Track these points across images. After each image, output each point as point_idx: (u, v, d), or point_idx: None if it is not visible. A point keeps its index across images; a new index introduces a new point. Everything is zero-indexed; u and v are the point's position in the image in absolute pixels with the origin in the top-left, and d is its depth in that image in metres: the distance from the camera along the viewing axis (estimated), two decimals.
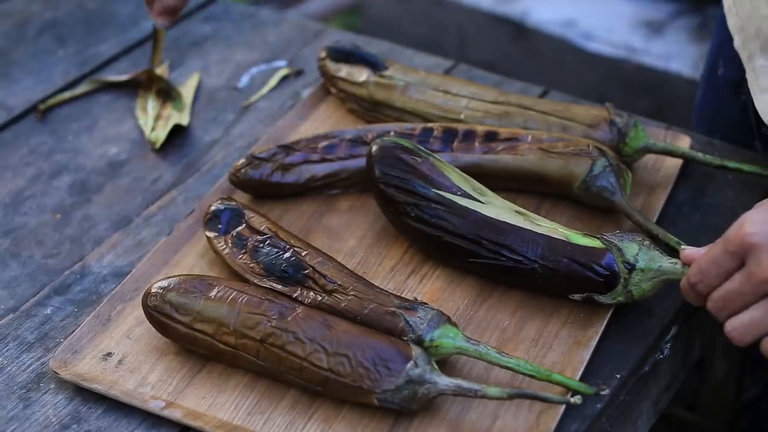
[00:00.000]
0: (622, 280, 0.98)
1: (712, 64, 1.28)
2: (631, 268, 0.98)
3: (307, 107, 1.29)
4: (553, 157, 1.10)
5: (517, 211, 1.04)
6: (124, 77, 1.37)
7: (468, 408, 0.94)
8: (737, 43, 1.13)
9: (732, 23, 1.14)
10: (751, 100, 1.11)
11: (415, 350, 0.92)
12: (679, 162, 1.18)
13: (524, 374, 0.93)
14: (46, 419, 0.97)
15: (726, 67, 1.24)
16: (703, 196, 1.15)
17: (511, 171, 1.12)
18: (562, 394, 0.92)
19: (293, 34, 1.45)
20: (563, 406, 0.93)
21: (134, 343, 1.02)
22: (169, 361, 1.00)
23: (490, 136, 1.13)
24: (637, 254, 0.98)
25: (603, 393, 0.93)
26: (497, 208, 1.04)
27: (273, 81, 1.37)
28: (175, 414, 0.95)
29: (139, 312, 1.03)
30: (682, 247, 0.97)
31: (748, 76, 1.11)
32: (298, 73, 1.37)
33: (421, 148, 1.08)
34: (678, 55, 2.35)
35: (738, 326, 0.90)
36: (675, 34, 2.40)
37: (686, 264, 0.96)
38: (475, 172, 1.10)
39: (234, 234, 1.07)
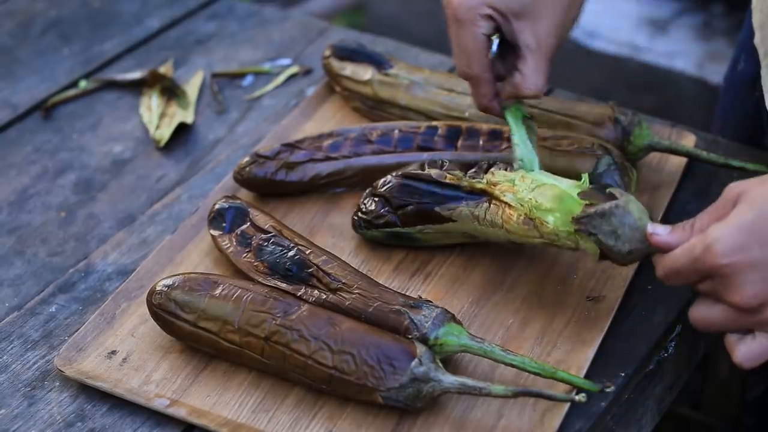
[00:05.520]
0: None
1: (736, 60, 1.28)
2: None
3: (311, 105, 1.29)
4: (557, 155, 1.10)
5: None
6: (129, 76, 1.37)
7: (472, 406, 0.94)
8: (757, 40, 1.13)
9: (755, 19, 1.14)
10: (764, 96, 1.11)
11: (420, 348, 0.92)
12: (683, 160, 1.17)
13: (529, 372, 0.92)
14: (50, 417, 0.97)
15: (746, 63, 1.24)
16: (707, 195, 1.15)
17: None
18: (566, 393, 0.92)
19: (297, 33, 1.45)
20: (568, 405, 0.93)
21: (139, 341, 1.02)
22: (173, 359, 1.00)
23: (495, 135, 1.13)
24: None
25: (608, 390, 0.92)
26: None
27: (280, 78, 1.37)
28: (180, 412, 0.95)
29: (144, 310, 1.03)
30: (650, 225, 0.91)
31: (763, 72, 1.11)
32: (307, 72, 1.37)
33: None
34: (682, 53, 2.34)
35: (751, 357, 0.89)
36: (679, 33, 2.40)
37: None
38: None
39: (238, 232, 1.07)
